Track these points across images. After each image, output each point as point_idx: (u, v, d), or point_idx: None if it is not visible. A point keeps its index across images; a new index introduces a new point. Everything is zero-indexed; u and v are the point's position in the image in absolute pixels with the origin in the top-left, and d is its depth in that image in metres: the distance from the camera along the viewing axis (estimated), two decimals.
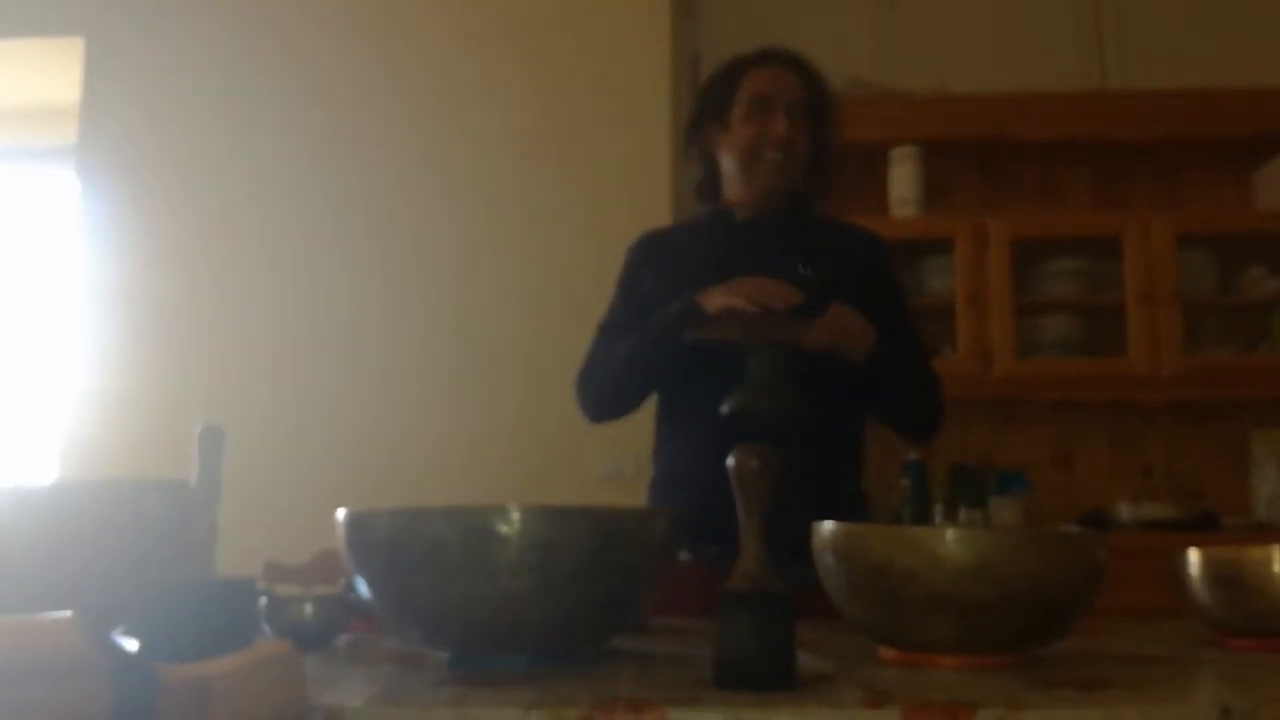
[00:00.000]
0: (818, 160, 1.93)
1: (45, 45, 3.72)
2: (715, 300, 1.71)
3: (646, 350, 1.81)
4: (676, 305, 1.76)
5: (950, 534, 1.08)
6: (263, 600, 1.29)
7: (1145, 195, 3.78)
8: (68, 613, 0.73)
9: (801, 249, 1.87)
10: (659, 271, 1.88)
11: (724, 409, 1.69)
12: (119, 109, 3.56)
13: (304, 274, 3.44)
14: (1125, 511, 3.44)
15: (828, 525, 1.17)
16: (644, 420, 1.95)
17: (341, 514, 1.12)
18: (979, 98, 3.62)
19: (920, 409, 1.89)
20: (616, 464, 3.06)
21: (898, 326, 1.82)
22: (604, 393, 1.88)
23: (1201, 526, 3.35)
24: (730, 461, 1.06)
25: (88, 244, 3.50)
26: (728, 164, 1.90)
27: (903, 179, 3.57)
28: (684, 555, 1.37)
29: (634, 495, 2.08)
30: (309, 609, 1.28)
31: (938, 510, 3.46)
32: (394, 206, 3.46)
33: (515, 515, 1.03)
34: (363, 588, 1.12)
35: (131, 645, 0.96)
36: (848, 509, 1.82)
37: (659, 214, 3.22)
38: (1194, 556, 1.31)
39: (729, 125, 1.88)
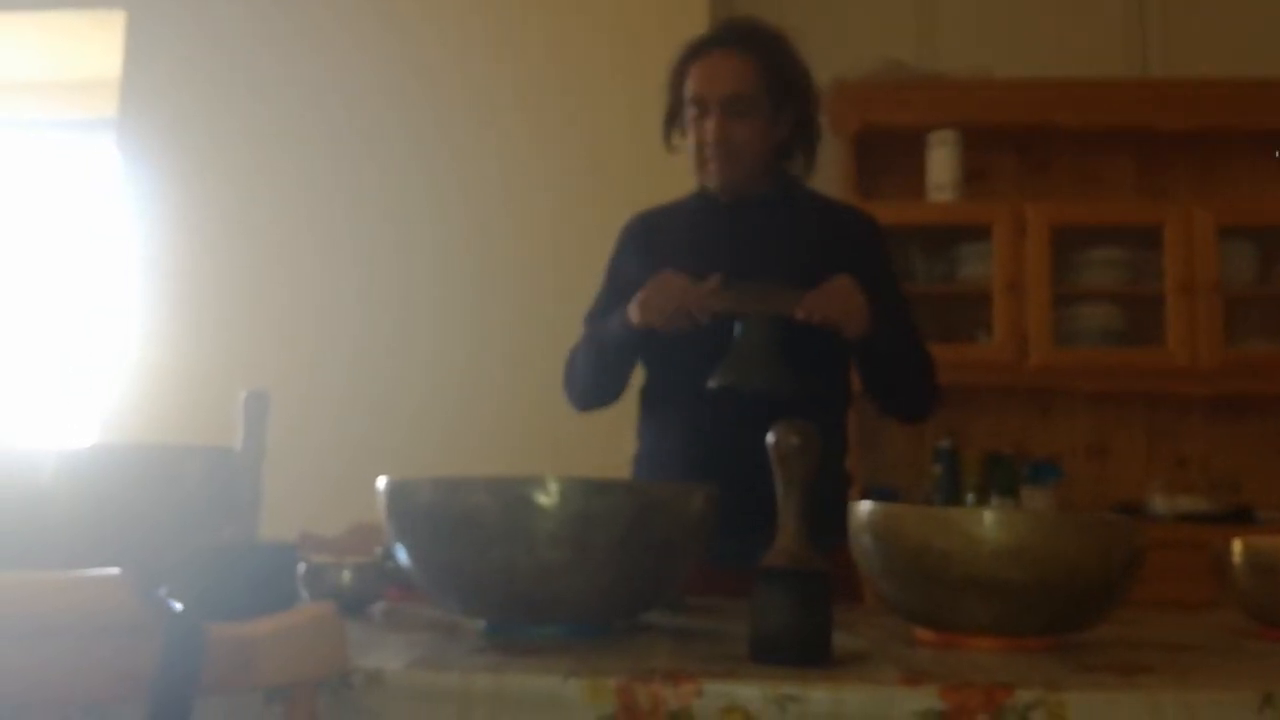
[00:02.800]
0: (793, 135, 1.86)
1: (87, 17, 3.74)
2: (634, 315, 1.69)
3: (596, 364, 1.82)
4: (614, 323, 1.76)
5: (988, 516, 1.08)
6: (301, 567, 1.30)
7: (1187, 185, 3.73)
8: (116, 570, 0.74)
9: (788, 233, 1.84)
10: (642, 255, 1.85)
11: (710, 383, 1.66)
12: (160, 81, 3.59)
13: (347, 244, 3.46)
14: (1159, 503, 3.41)
15: (865, 506, 1.16)
16: None
17: (383, 482, 1.13)
18: (1021, 83, 3.58)
19: (915, 390, 1.86)
20: None
21: (891, 307, 1.78)
22: (577, 389, 1.89)
23: (1236, 519, 3.32)
24: (769, 438, 1.06)
25: (129, 215, 3.53)
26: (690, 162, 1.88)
27: (941, 163, 3.53)
28: None
29: None
30: (346, 576, 1.29)
31: (969, 499, 3.44)
32: (441, 177, 3.46)
33: (555, 486, 1.04)
34: (402, 556, 1.13)
35: (178, 604, 0.97)
36: (835, 488, 1.81)
37: None
38: (1236, 546, 1.30)
39: (686, 124, 1.86)
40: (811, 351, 1.70)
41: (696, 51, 1.84)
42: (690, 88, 1.82)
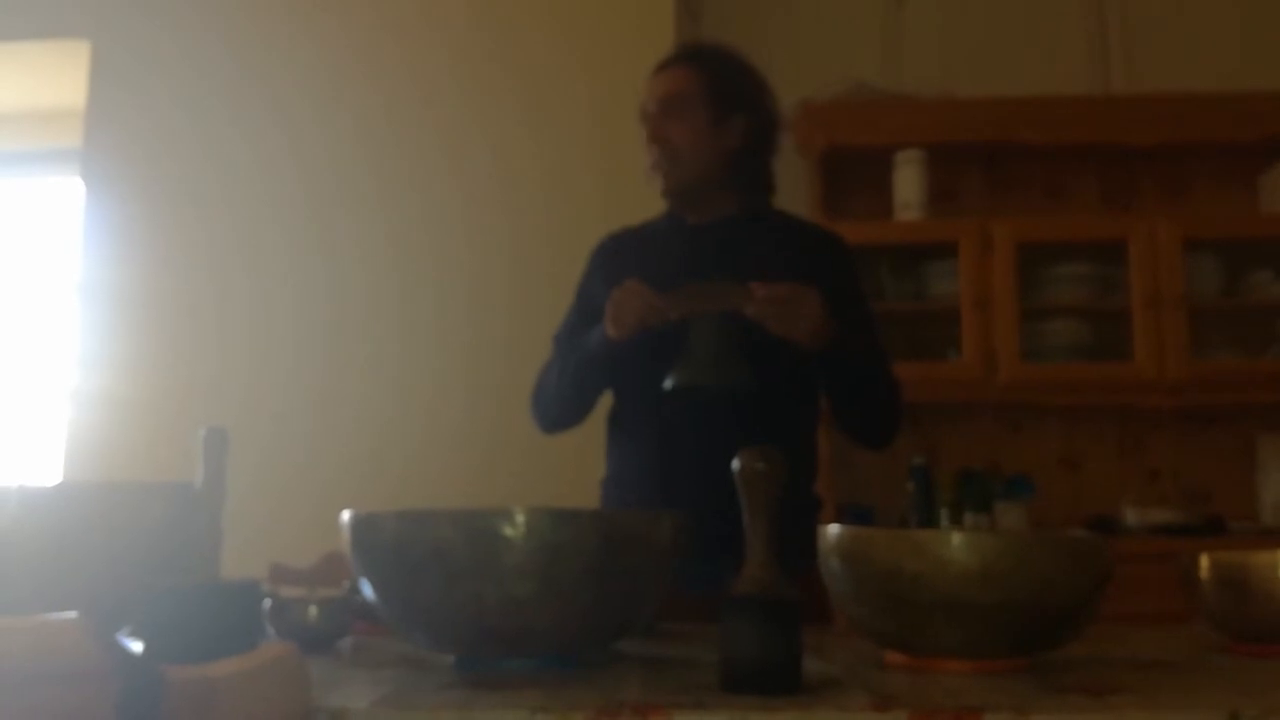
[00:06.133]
0: (744, 144, 1.86)
1: (51, 48, 3.72)
2: (610, 330, 1.71)
3: (571, 382, 1.83)
4: (593, 340, 1.77)
5: (957, 538, 1.08)
6: (267, 602, 1.29)
7: (1151, 199, 3.77)
8: (73, 614, 0.73)
9: (754, 253, 1.84)
10: (609, 278, 1.83)
11: (666, 384, 1.66)
12: (124, 113, 3.57)
13: (310, 276, 3.44)
14: (1132, 516, 3.43)
15: (833, 529, 1.16)
16: None
17: (347, 516, 1.12)
18: (985, 101, 3.61)
19: (877, 413, 1.85)
20: None
21: (858, 327, 1.79)
22: (550, 411, 1.89)
23: (1208, 531, 3.34)
24: (735, 464, 1.05)
25: (92, 247, 3.51)
26: None
27: (907, 182, 3.56)
28: None
29: None
30: (313, 611, 1.27)
31: (943, 515, 3.45)
32: (404, 207, 3.45)
33: (521, 518, 1.03)
34: (368, 590, 1.12)
35: (137, 646, 0.96)
36: (802, 510, 1.81)
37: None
38: (1203, 561, 1.30)
39: None
40: (772, 351, 1.69)
41: (652, 77, 1.91)
42: (641, 107, 1.89)
